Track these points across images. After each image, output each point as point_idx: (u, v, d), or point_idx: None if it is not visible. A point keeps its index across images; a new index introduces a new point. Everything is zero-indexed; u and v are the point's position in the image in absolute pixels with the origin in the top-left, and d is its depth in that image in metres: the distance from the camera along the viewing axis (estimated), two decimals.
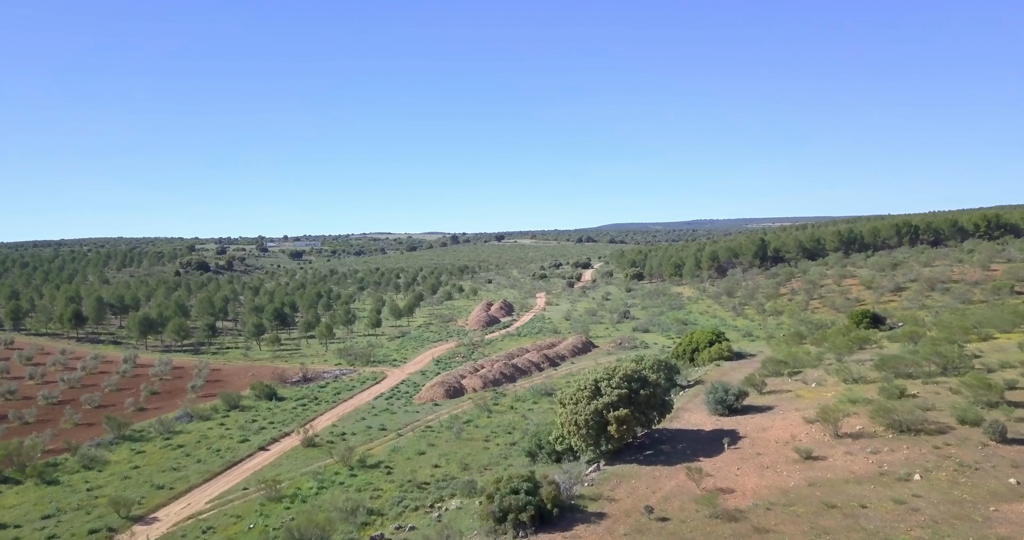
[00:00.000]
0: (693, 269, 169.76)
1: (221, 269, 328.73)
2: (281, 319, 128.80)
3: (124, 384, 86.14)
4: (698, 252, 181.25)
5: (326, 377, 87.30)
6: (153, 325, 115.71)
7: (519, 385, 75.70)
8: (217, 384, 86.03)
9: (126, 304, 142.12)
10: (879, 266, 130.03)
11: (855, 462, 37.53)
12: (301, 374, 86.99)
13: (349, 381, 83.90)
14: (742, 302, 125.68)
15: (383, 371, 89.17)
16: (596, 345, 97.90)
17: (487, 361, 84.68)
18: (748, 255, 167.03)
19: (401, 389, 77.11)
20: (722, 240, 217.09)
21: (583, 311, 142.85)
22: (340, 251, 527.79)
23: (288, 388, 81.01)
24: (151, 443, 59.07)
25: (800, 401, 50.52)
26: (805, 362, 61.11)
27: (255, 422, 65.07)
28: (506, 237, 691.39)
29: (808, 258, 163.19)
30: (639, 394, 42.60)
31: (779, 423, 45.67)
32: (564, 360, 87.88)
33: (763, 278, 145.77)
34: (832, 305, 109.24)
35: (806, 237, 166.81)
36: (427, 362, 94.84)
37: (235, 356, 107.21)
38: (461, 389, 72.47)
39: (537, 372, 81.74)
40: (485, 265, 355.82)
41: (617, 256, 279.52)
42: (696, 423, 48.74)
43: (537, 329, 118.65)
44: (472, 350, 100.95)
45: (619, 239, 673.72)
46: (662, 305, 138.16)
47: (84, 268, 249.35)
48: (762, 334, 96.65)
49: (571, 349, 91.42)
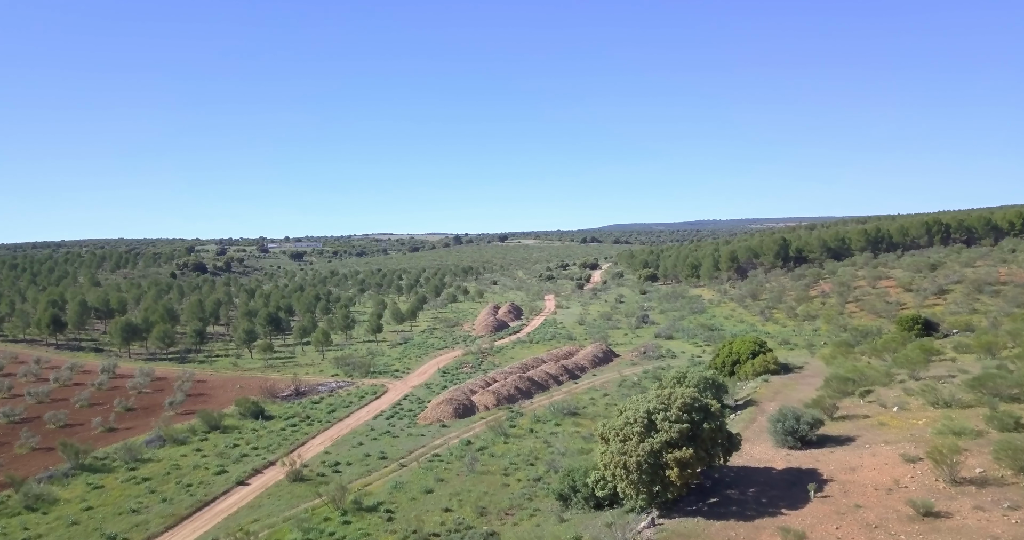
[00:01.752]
0: (711, 270, 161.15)
1: (219, 270, 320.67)
2: (275, 324, 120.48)
3: (98, 398, 77.74)
4: (715, 252, 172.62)
5: (321, 391, 78.91)
6: (137, 331, 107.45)
7: (537, 402, 67.20)
8: (200, 399, 77.66)
9: (112, 308, 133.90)
10: (915, 267, 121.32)
11: (992, 522, 28.99)
12: (293, 387, 78.58)
13: (346, 395, 75.52)
14: (769, 306, 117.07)
15: (384, 384, 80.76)
16: (617, 354, 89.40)
17: (499, 373, 76.22)
18: (769, 255, 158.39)
19: (404, 406, 68.64)
20: (741, 239, 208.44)
21: (597, 315, 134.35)
22: (342, 252, 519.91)
23: (278, 404, 72.63)
24: (113, 475, 50.66)
25: (886, 431, 41.97)
26: (874, 379, 52.54)
27: (236, 447, 56.69)
28: (509, 238, 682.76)
29: (833, 258, 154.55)
30: (702, 429, 34.12)
31: (870, 461, 37.12)
32: (584, 371, 79.38)
33: (788, 280, 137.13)
34: (871, 309, 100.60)
35: (830, 236, 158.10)
36: (432, 373, 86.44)
37: (224, 365, 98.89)
38: (472, 407, 64.00)
39: (555, 386, 73.25)
40: (489, 266, 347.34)
41: (627, 257, 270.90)
42: (763, 458, 40.20)
43: (550, 335, 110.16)
44: (481, 359, 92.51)
45: (624, 239, 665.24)
46: (682, 309, 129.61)
47: (76, 270, 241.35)
48: (800, 342, 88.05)
49: (591, 359, 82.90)
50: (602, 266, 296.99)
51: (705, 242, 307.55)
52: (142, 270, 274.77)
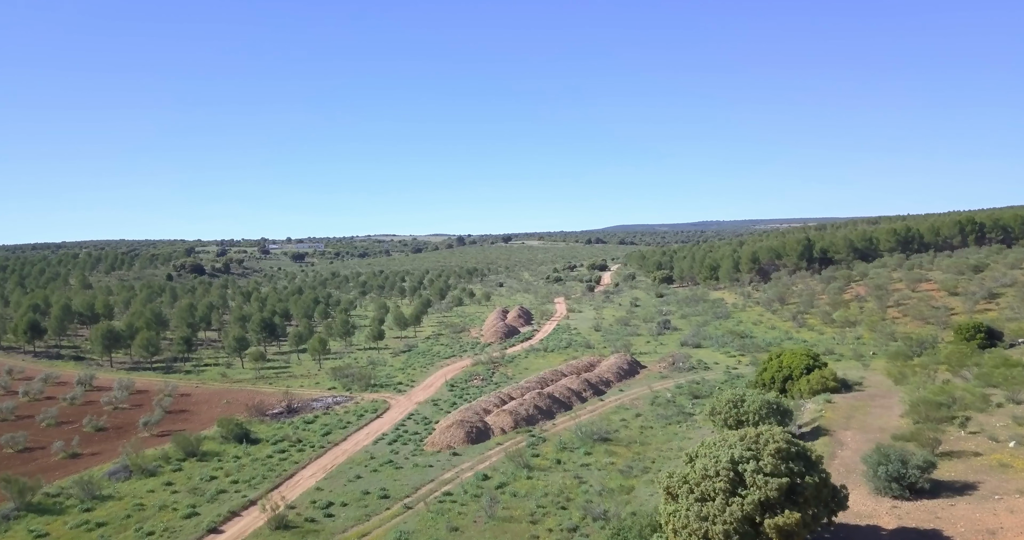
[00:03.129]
0: (731, 272, 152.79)
1: (217, 272, 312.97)
2: (270, 330, 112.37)
3: (68, 415, 69.79)
4: (734, 253, 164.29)
5: (316, 407, 70.83)
6: (119, 339, 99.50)
7: (560, 424, 59.01)
8: (180, 417, 69.65)
9: (97, 313, 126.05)
10: (956, 269, 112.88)
11: None
12: (285, 404, 70.49)
13: (344, 413, 67.44)
14: (801, 311, 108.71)
15: (386, 399, 72.64)
16: (643, 365, 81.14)
17: (515, 388, 68.02)
18: (793, 256, 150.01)
19: (408, 427, 60.51)
20: (759, 239, 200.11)
21: (613, 320, 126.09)
22: (343, 253, 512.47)
23: (267, 423, 64.57)
24: (63, 517, 42.59)
25: (1012, 475, 33.67)
26: (967, 403, 44.24)
27: (214, 480, 48.61)
28: (513, 238, 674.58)
29: (860, 259, 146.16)
30: (803, 483, 25.91)
31: (1009, 520, 28.83)
32: (610, 386, 71.14)
33: (817, 282, 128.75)
34: (917, 315, 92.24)
35: (857, 236, 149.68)
36: (439, 386, 78.32)
37: (212, 376, 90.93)
38: (486, 430, 55.83)
39: (579, 403, 65.02)
40: (494, 267, 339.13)
41: (637, 258, 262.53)
42: (863, 511, 31.93)
43: (565, 343, 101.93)
44: (492, 370, 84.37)
45: (629, 240, 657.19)
46: (704, 313, 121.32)
47: (69, 272, 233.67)
48: (845, 352, 79.74)
49: (615, 371, 74.68)
50: (611, 267, 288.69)
51: (719, 242, 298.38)
52: (137, 272, 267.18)
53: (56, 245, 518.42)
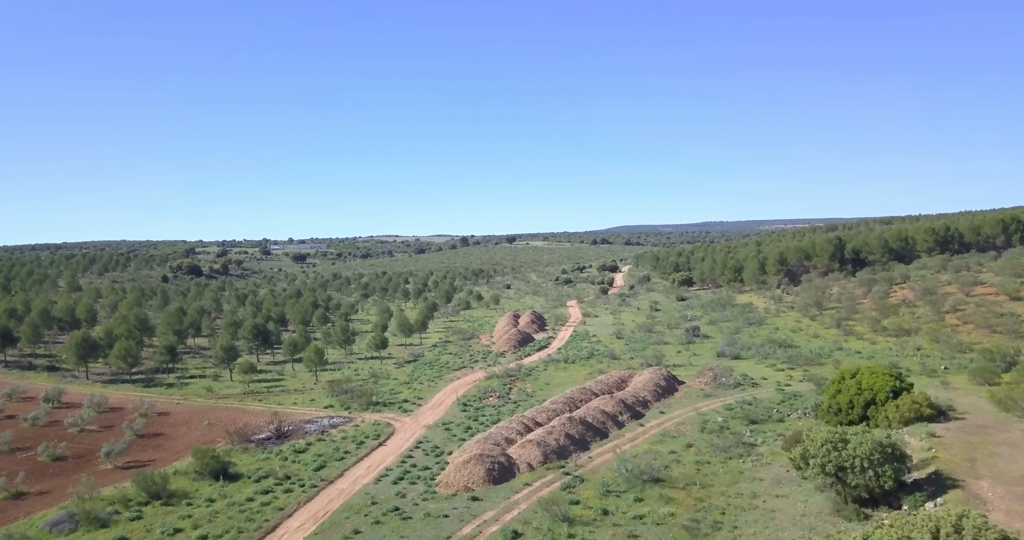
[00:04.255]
0: (756, 273, 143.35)
1: (216, 273, 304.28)
2: (263, 338, 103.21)
3: (27, 438, 60.73)
4: (759, 254, 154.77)
5: (309, 430, 61.63)
6: (96, 348, 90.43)
7: (597, 456, 49.69)
8: (152, 443, 60.50)
9: (78, 318, 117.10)
10: (1013, 270, 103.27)
11: None
12: (274, 427, 61.25)
13: (341, 439, 58.26)
14: (843, 317, 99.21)
15: (389, 421, 63.44)
16: (681, 380, 71.72)
17: (539, 411, 58.64)
18: (824, 257, 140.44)
19: (416, 459, 51.26)
20: (781, 239, 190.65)
21: (634, 326, 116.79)
22: (346, 254, 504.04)
23: (251, 452, 55.40)
24: None
25: None
26: None
27: (178, 533, 39.42)
28: (517, 239, 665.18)
29: (897, 260, 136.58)
30: None
31: None
32: (648, 407, 61.76)
33: (855, 285, 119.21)
34: (983, 323, 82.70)
35: (892, 235, 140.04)
36: (449, 404, 69.08)
37: (197, 390, 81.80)
38: (510, 466, 46.55)
39: (615, 429, 55.70)
40: (500, 268, 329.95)
41: (650, 259, 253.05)
42: None
43: (587, 352, 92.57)
44: (509, 386, 75.11)
45: (635, 241, 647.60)
46: (734, 319, 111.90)
47: (61, 273, 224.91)
48: (911, 366, 70.16)
49: (652, 389, 65.30)
50: (622, 269, 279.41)
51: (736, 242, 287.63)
52: (132, 273, 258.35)
53: (56, 246, 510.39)
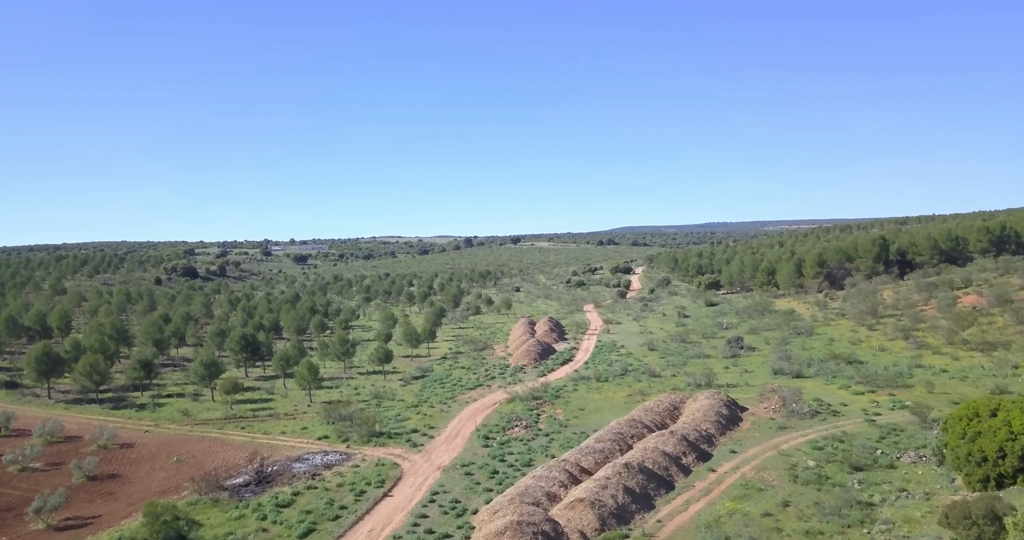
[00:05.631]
0: (792, 276, 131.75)
1: (212, 275, 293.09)
2: (252, 350, 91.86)
3: None
4: (793, 255, 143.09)
5: (298, 471, 50.31)
6: (60, 363, 79.26)
7: (667, 519, 38.19)
8: (103, 488, 49.19)
9: (49, 326, 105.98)
10: None
11: None
12: (255, 466, 49.93)
13: (336, 484, 46.93)
14: (908, 326, 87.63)
15: (396, 460, 52.06)
16: (743, 407, 60.15)
17: (584, 453, 47.07)
18: (867, 258, 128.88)
19: (433, 521, 39.82)
20: (827, 239, 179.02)
21: (664, 335, 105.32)
22: (348, 255, 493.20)
23: (223, 505, 44.06)
24: None
25: None
26: None
27: None
28: (522, 240, 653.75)
29: (948, 261, 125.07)
30: None
31: None
32: (713, 444, 50.28)
33: (910, 289, 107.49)
34: None
35: (942, 235, 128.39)
36: (467, 435, 57.71)
37: (172, 413, 70.51)
38: (558, 538, 35.07)
39: (681, 476, 44.21)
40: (507, 270, 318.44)
41: (667, 260, 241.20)
42: None
43: (620, 368, 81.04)
44: (536, 411, 63.70)
45: (642, 242, 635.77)
46: (779, 328, 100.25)
47: (46, 275, 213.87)
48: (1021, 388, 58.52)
49: (712, 419, 53.76)
50: (636, 270, 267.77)
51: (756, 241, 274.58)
52: (124, 275, 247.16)
53: (56, 247, 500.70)
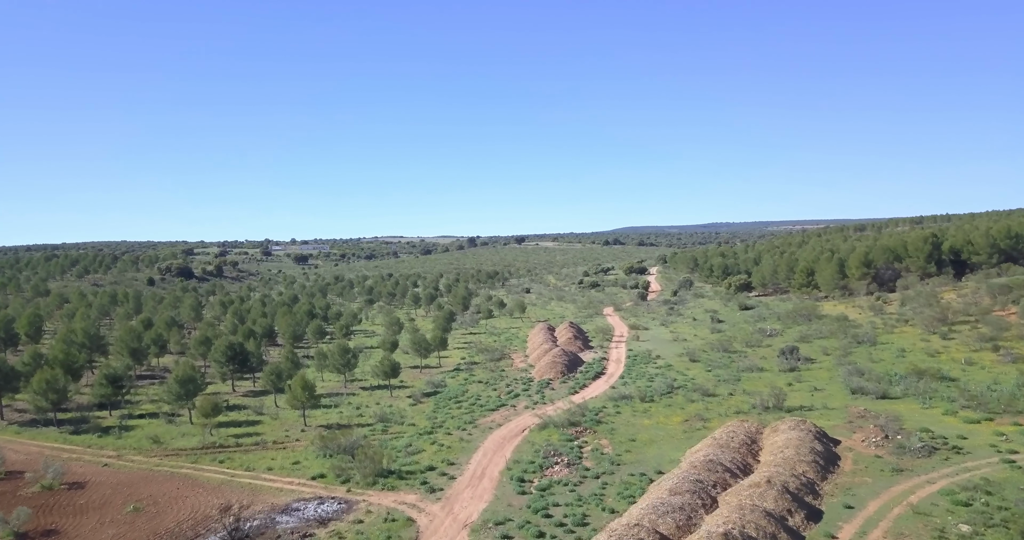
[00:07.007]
0: (834, 278, 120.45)
1: (209, 276, 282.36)
2: (240, 361, 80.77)
3: None
4: (834, 255, 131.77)
5: (284, 528, 39.12)
6: (13, 378, 68.27)
7: None
8: None
9: (14, 333, 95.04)
10: None
11: None
12: (228, 525, 38.72)
13: None
14: (992, 336, 76.37)
15: (409, 513, 40.84)
16: (836, 439, 48.82)
17: (660, 511, 35.80)
18: (919, 258, 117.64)
19: None
20: (875, 237, 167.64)
21: (702, 343, 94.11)
22: (350, 255, 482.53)
23: None
24: None
25: None
26: None
27: None
28: (526, 240, 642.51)
29: (1008, 261, 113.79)
30: None
31: None
32: (816, 494, 39.04)
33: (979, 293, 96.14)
34: None
35: (1000, 232, 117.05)
36: (495, 476, 46.54)
37: (140, 440, 59.33)
38: None
39: None
40: (514, 270, 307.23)
41: (686, 260, 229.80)
42: None
43: (664, 385, 69.70)
44: (577, 442, 52.53)
45: (648, 242, 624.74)
46: (833, 336, 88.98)
47: (31, 276, 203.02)
48: None
49: (809, 459, 42.50)
50: (650, 270, 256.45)
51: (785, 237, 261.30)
52: (116, 276, 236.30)
53: (55, 247, 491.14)
